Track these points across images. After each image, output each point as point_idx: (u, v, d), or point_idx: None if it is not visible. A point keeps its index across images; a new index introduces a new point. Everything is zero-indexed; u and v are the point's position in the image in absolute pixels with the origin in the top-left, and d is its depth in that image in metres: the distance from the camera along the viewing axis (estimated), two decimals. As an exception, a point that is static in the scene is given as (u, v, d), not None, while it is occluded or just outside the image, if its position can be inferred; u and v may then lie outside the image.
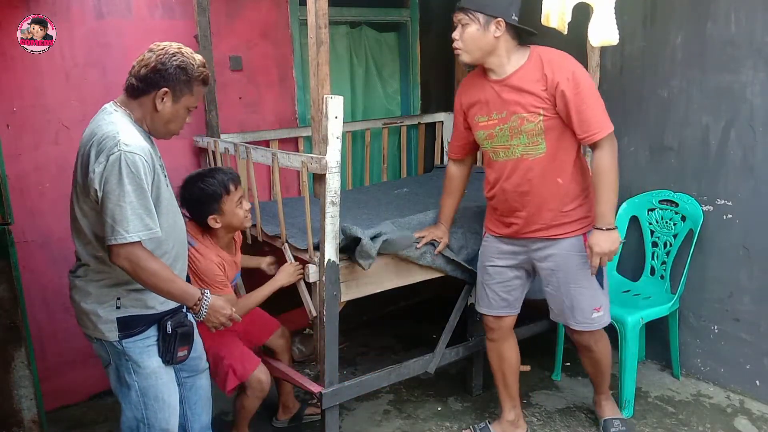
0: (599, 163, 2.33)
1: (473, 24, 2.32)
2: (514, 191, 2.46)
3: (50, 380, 2.95)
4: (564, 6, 2.07)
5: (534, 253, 2.55)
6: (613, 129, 2.31)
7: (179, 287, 1.93)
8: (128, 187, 1.79)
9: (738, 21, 2.84)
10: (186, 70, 1.91)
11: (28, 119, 2.86)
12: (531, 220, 2.48)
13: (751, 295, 2.99)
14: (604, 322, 2.58)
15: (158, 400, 2.03)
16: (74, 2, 2.90)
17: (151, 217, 1.84)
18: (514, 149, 2.41)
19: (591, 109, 2.29)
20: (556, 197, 2.43)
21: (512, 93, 2.37)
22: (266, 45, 3.52)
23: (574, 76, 2.27)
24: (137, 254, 1.83)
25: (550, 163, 2.39)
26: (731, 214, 3.00)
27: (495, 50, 2.35)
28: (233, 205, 2.41)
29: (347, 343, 3.53)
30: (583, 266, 2.47)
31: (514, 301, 2.68)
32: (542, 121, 2.33)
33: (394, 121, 4.03)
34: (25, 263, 2.68)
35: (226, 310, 2.04)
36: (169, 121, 1.97)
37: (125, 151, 1.79)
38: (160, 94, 1.90)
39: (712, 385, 3.18)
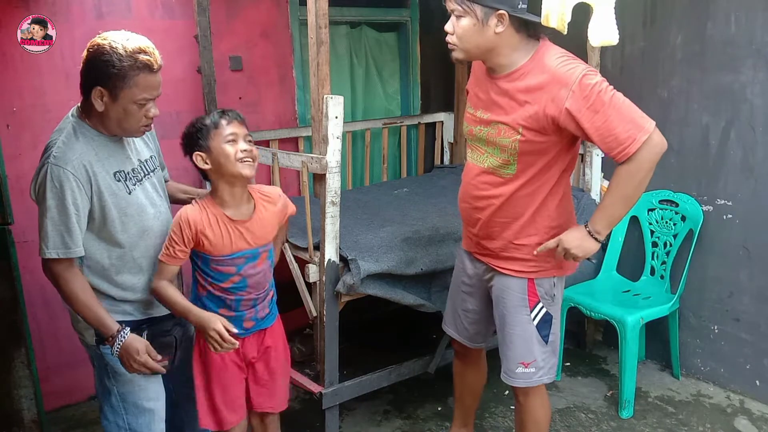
0: (621, 168, 1.90)
1: (468, 17, 1.92)
2: (469, 203, 2.17)
3: (50, 380, 2.95)
4: (564, 6, 2.06)
5: (484, 276, 2.27)
6: (650, 131, 1.85)
7: (95, 316, 1.80)
8: (50, 202, 1.73)
9: (738, 21, 2.85)
10: (112, 63, 1.70)
11: (28, 119, 2.86)
12: (480, 243, 2.20)
13: (751, 295, 2.99)
14: (532, 382, 2.17)
15: (138, 407, 1.97)
16: (74, 2, 2.90)
17: (70, 235, 1.75)
18: (485, 158, 2.08)
19: (612, 120, 1.84)
20: (510, 227, 2.08)
21: (500, 95, 2.01)
22: (266, 45, 3.52)
23: (580, 87, 1.85)
24: (57, 271, 1.79)
25: (516, 190, 2.03)
26: (731, 214, 3.00)
27: (496, 48, 1.95)
28: (221, 140, 1.93)
29: (347, 343, 3.53)
30: (521, 311, 2.13)
31: (475, 335, 2.40)
32: (517, 142, 1.96)
33: (394, 121, 4.03)
34: (25, 263, 2.67)
35: (140, 356, 1.81)
36: (119, 121, 1.79)
37: (52, 163, 1.72)
38: (96, 94, 1.74)
39: (712, 385, 3.18)
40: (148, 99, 1.79)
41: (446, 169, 4.00)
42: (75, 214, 1.76)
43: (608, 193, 1.97)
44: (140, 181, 1.92)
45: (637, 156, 1.85)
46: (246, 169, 1.95)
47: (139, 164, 1.94)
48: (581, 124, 1.87)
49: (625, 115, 1.85)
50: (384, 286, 2.65)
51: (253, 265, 2.04)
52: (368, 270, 2.53)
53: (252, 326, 2.11)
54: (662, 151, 1.88)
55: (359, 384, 2.75)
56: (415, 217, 3.02)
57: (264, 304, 2.13)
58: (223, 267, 2.01)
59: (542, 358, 2.17)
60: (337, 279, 2.53)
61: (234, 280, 2.03)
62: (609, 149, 1.88)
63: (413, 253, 2.71)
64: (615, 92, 1.88)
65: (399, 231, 2.80)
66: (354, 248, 2.60)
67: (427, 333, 3.52)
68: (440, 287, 2.83)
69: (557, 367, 3.24)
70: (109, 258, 1.87)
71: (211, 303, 2.04)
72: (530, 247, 2.09)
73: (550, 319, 2.16)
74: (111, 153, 1.85)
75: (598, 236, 1.99)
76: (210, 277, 2.03)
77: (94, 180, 1.79)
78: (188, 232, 1.95)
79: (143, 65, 1.74)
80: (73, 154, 1.76)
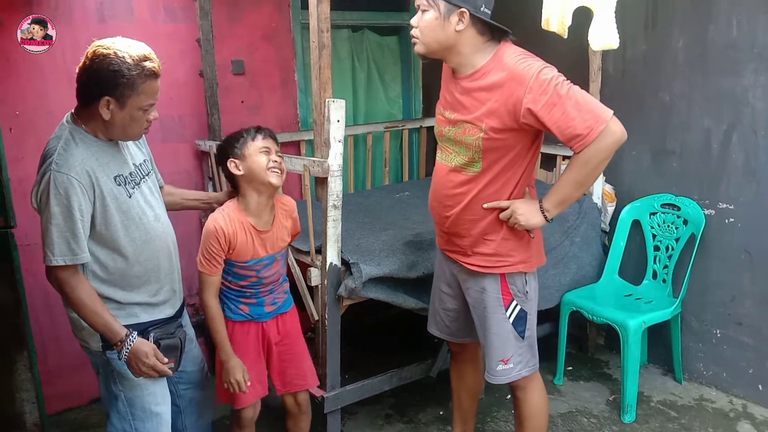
0: (578, 155, 1.94)
1: (432, 11, 1.95)
2: (438, 201, 2.21)
3: (52, 384, 2.95)
4: (564, 10, 2.07)
5: (459, 276, 2.30)
6: (607, 120, 1.88)
7: (103, 321, 1.82)
8: (55, 209, 1.73)
9: (740, 25, 2.85)
10: (121, 72, 1.72)
11: (31, 123, 2.87)
12: (450, 240, 2.24)
13: (753, 299, 2.98)
14: (512, 377, 2.24)
15: (145, 411, 1.99)
16: (77, 6, 2.91)
17: (76, 241, 1.76)
18: (453, 157, 2.13)
19: (570, 112, 1.88)
20: (479, 224, 2.13)
21: (463, 95, 2.05)
22: (268, 48, 3.53)
23: (537, 82, 1.89)
24: (63, 278, 1.79)
25: (483, 187, 2.08)
26: (733, 218, 2.99)
27: (455, 46, 1.99)
28: (256, 149, 2.14)
29: (349, 346, 3.52)
30: (497, 311, 2.19)
31: (457, 331, 2.43)
32: (481, 140, 2.01)
33: (395, 125, 4.03)
34: (28, 266, 2.67)
35: (149, 359, 1.85)
36: (124, 127, 1.83)
37: (55, 171, 1.72)
38: (103, 104, 1.75)
39: (714, 390, 3.17)
40: (152, 104, 1.83)
41: (448, 172, 4.00)
42: (80, 219, 1.76)
43: (563, 176, 2.04)
44: (138, 185, 1.93)
45: (594, 145, 1.90)
46: (274, 179, 2.16)
47: (135, 168, 1.95)
48: (540, 118, 1.91)
49: (582, 107, 1.89)
50: (386, 289, 2.65)
51: (269, 268, 2.28)
52: (370, 273, 2.53)
53: (273, 310, 2.34)
54: (620, 140, 1.91)
55: (361, 388, 2.75)
56: (416, 220, 3.03)
57: (280, 290, 2.36)
58: (243, 271, 2.24)
59: (519, 353, 2.23)
60: (339, 282, 2.53)
61: (251, 280, 2.26)
62: (567, 140, 1.93)
63: (415, 257, 2.71)
64: (571, 85, 1.92)
65: (401, 234, 2.80)
66: (356, 252, 2.60)
67: (429, 337, 3.51)
68: (442, 291, 2.83)
69: (560, 371, 3.26)
70: (113, 263, 1.87)
71: (232, 295, 2.28)
72: (494, 242, 2.14)
73: (525, 316, 2.22)
74: (110, 157, 1.86)
75: (547, 214, 2.06)
76: (230, 277, 2.25)
77: (97, 185, 1.80)
78: (224, 242, 2.16)
79: (150, 72, 1.77)
80: (75, 160, 1.76)
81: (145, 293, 1.95)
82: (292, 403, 2.48)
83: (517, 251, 2.16)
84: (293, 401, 2.47)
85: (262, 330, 2.34)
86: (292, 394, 2.46)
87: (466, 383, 2.60)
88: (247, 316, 2.29)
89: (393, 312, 3.20)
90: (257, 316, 2.31)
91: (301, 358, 2.44)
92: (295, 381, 2.43)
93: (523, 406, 2.33)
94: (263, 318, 2.32)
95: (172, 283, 2.04)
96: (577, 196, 2.08)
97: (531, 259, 2.20)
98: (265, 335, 2.34)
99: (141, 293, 1.94)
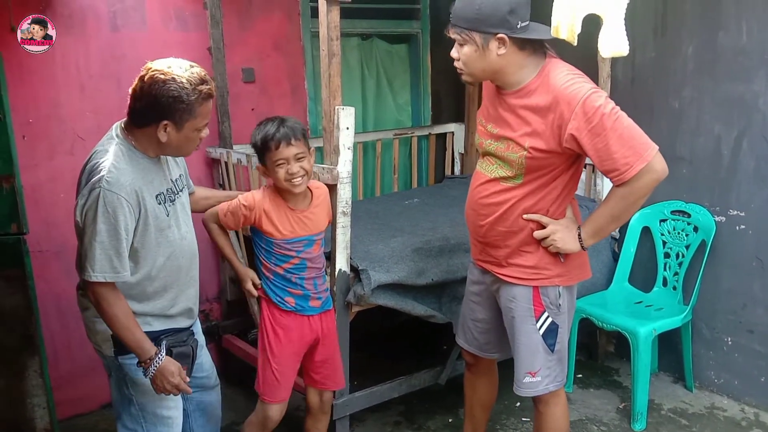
0: (616, 189, 1.94)
1: (468, 44, 1.95)
2: (474, 209, 2.18)
3: (63, 389, 2.97)
4: (574, 17, 2.07)
5: (491, 287, 2.27)
6: (649, 159, 1.86)
7: (134, 339, 1.84)
8: (101, 226, 1.74)
9: (750, 31, 2.84)
10: (181, 99, 1.75)
11: (44, 130, 2.90)
12: (485, 250, 2.21)
13: (765, 306, 2.96)
14: (538, 391, 2.19)
15: (157, 416, 2.01)
16: (89, 15, 2.94)
17: (120, 260, 1.78)
18: (494, 168, 2.10)
19: (612, 145, 1.85)
20: (517, 235, 2.09)
21: (508, 111, 2.03)
22: (278, 57, 3.55)
23: (583, 108, 1.86)
24: (101, 293, 1.80)
25: (521, 198, 2.06)
26: (744, 225, 2.98)
27: (501, 68, 1.97)
28: (273, 164, 2.17)
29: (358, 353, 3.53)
30: (527, 321, 2.15)
31: (485, 345, 2.39)
32: (524, 158, 1.98)
33: (404, 132, 4.04)
34: (40, 272, 2.70)
35: (174, 378, 1.88)
36: (179, 148, 1.88)
37: (105, 188, 1.73)
38: (161, 127, 1.79)
39: (726, 398, 3.15)
40: (206, 124, 1.87)
41: (457, 179, 4.01)
42: (125, 239, 1.79)
43: (600, 208, 2.05)
44: (173, 202, 1.96)
45: (632, 182, 1.89)
46: (295, 188, 2.19)
47: (172, 183, 1.98)
48: (583, 146, 1.90)
49: (626, 141, 1.86)
50: (395, 296, 2.65)
51: (309, 250, 2.30)
52: (379, 280, 2.53)
53: (319, 305, 2.36)
54: (660, 179, 1.91)
55: (370, 395, 2.75)
56: (425, 227, 3.03)
57: (323, 283, 2.39)
58: (284, 250, 2.26)
59: (547, 367, 2.18)
60: (348, 289, 2.54)
61: (294, 262, 2.28)
62: (606, 172, 1.92)
63: (424, 264, 2.71)
64: (619, 115, 1.88)
65: (410, 241, 2.81)
66: (365, 258, 2.61)
67: (438, 344, 3.51)
68: (451, 298, 2.83)
69: (569, 378, 3.24)
70: (135, 276, 1.88)
71: (279, 284, 2.31)
72: (533, 254, 2.11)
73: (556, 329, 2.16)
74: (154, 175, 1.90)
75: (583, 242, 2.06)
76: (274, 258, 2.28)
77: (143, 204, 1.83)
78: (248, 211, 2.23)
79: (206, 95, 1.81)
80: (126, 179, 1.78)
81: (161, 306, 1.97)
82: (316, 401, 2.49)
83: (555, 265, 2.11)
84: (318, 399, 2.49)
85: (309, 326, 2.35)
86: (318, 392, 2.49)
87: (479, 396, 2.56)
88: (293, 308, 2.31)
89: (402, 319, 3.20)
90: (302, 309, 2.32)
91: (337, 358, 2.48)
92: (329, 380, 2.47)
93: (543, 421, 2.28)
94: (308, 312, 2.33)
95: (188, 300, 2.05)
96: (612, 229, 2.09)
97: (569, 273, 2.15)
98: (312, 332, 2.36)
99: (156, 305, 1.96)
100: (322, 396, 2.49)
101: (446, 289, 2.83)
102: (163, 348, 1.91)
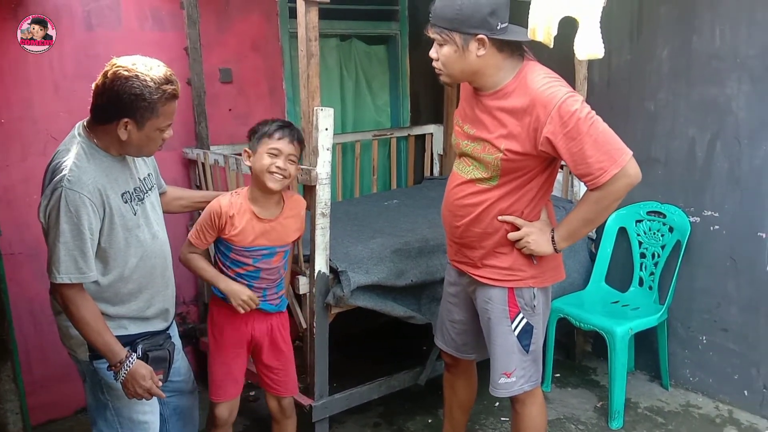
0: (590, 193, 1.97)
1: (449, 44, 1.94)
2: (450, 210, 2.18)
3: (36, 394, 2.92)
4: (550, 20, 2.09)
5: (468, 288, 2.28)
6: (623, 164, 1.88)
7: (104, 341, 1.81)
8: (64, 226, 1.71)
9: (722, 35, 2.89)
10: (143, 96, 1.72)
11: (17, 131, 2.85)
12: (460, 251, 2.22)
13: (738, 305, 3.01)
14: (513, 391, 2.21)
15: (132, 420, 1.98)
16: (64, 14, 2.90)
17: (85, 260, 1.75)
18: (470, 170, 2.10)
19: (587, 150, 1.87)
20: (492, 237, 2.10)
21: (484, 113, 2.03)
22: (256, 57, 3.53)
23: (559, 112, 1.86)
24: (68, 296, 1.78)
25: (496, 199, 2.06)
26: (718, 225, 3.03)
27: (480, 69, 1.97)
28: (265, 148, 2.15)
29: (337, 355, 3.52)
30: (502, 322, 2.16)
31: (463, 346, 2.40)
32: (500, 160, 1.99)
33: (384, 133, 4.04)
34: (12, 275, 2.66)
35: (146, 382, 1.85)
36: (140, 147, 1.84)
37: (67, 188, 1.71)
38: (122, 125, 1.75)
39: (701, 396, 3.19)
40: (169, 124, 1.84)
41: (436, 180, 4.02)
42: (90, 238, 1.76)
43: (574, 212, 2.06)
44: (141, 201, 1.93)
45: (606, 186, 1.90)
46: (271, 182, 2.16)
47: (140, 182, 1.95)
48: (557, 149, 1.91)
49: (601, 146, 1.88)
50: (374, 297, 2.65)
51: (268, 261, 2.27)
52: (358, 282, 2.53)
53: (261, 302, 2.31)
54: (633, 183, 1.93)
55: (349, 396, 2.74)
56: (405, 228, 3.03)
57: (274, 293, 2.35)
58: (241, 256, 2.24)
59: (522, 367, 2.20)
60: (327, 291, 2.53)
61: (247, 269, 2.26)
62: (580, 176, 1.94)
63: (403, 265, 2.71)
64: (594, 120, 1.89)
65: (389, 242, 2.81)
66: (344, 260, 2.60)
67: (418, 345, 3.51)
68: (430, 299, 2.83)
69: (547, 377, 3.26)
70: (106, 279, 1.86)
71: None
72: (508, 256, 2.12)
73: (531, 329, 2.18)
74: (119, 173, 1.86)
75: (556, 245, 2.08)
76: (228, 260, 2.26)
77: (107, 203, 1.80)
78: (218, 223, 2.20)
79: (170, 95, 1.78)
80: (88, 177, 1.75)
81: (136, 308, 1.94)
82: (275, 405, 2.48)
83: (530, 266, 2.13)
84: (277, 404, 2.47)
85: (250, 323, 2.31)
86: (276, 398, 2.46)
87: (458, 396, 2.57)
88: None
89: (382, 320, 3.20)
90: None
91: (288, 365, 2.44)
92: (281, 386, 2.44)
93: (520, 421, 2.30)
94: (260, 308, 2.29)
95: (164, 301, 2.03)
96: (586, 232, 2.13)
97: (543, 275, 2.17)
98: (253, 330, 2.32)
99: (131, 308, 1.93)
100: (281, 401, 2.47)
101: (425, 290, 2.83)
102: (139, 351, 1.89)
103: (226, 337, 2.32)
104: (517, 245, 2.09)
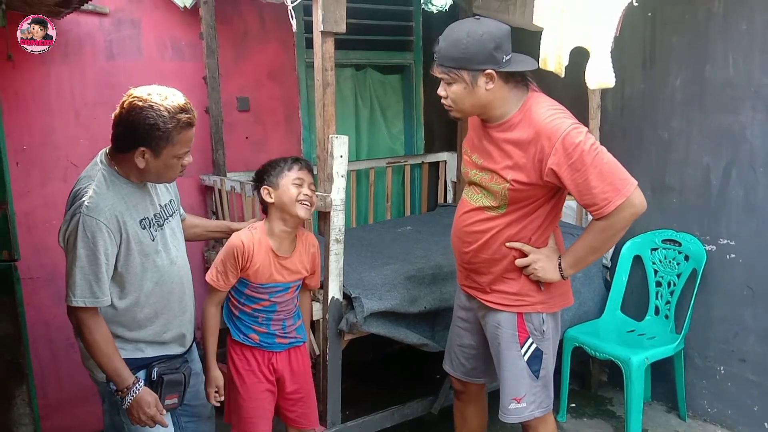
0: (595, 223, 1.99)
1: (458, 83, 1.98)
2: (459, 237, 2.21)
3: (51, 418, 2.93)
4: (561, 49, 2.11)
5: (478, 313, 2.29)
6: (628, 195, 1.90)
7: (113, 366, 1.84)
8: (81, 251, 1.76)
9: (736, 63, 2.90)
10: (157, 126, 1.76)
11: (38, 157, 2.91)
12: (469, 276, 2.24)
13: (756, 335, 2.96)
14: (523, 417, 2.21)
15: None
16: (86, 44, 2.98)
17: (99, 285, 1.79)
18: (479, 198, 2.14)
19: (592, 180, 1.89)
20: (500, 262, 2.13)
21: (490, 143, 2.08)
22: (273, 86, 3.59)
23: (563, 144, 1.89)
24: (82, 319, 1.81)
25: (506, 227, 2.09)
26: (734, 254, 3.00)
27: (489, 102, 2.00)
28: (289, 180, 2.19)
29: (350, 381, 3.50)
30: (512, 347, 2.17)
31: (472, 370, 2.40)
32: (507, 190, 2.02)
33: (397, 160, 4.07)
34: (30, 299, 2.69)
35: (150, 409, 1.87)
36: (159, 174, 1.88)
37: (85, 214, 1.75)
38: (139, 154, 1.80)
39: (719, 427, 3.13)
40: (187, 151, 1.87)
41: (449, 207, 4.03)
42: (105, 263, 1.79)
43: (580, 240, 2.07)
44: (161, 227, 1.96)
45: (611, 216, 1.92)
46: (302, 211, 2.20)
47: (161, 209, 1.98)
48: (562, 180, 1.94)
49: (606, 177, 1.90)
50: (387, 324, 2.64)
51: (282, 295, 2.29)
52: (371, 308, 2.53)
53: (286, 343, 2.33)
54: (638, 213, 1.94)
55: (362, 424, 2.72)
56: (418, 255, 3.03)
57: (293, 324, 2.35)
58: (257, 293, 2.25)
59: (532, 393, 2.19)
60: (341, 317, 2.53)
61: (264, 304, 2.27)
62: (586, 206, 1.97)
63: (417, 292, 2.71)
64: (599, 151, 1.92)
65: (402, 269, 2.81)
66: (358, 286, 2.61)
67: (431, 373, 3.48)
68: (444, 326, 2.82)
69: (562, 407, 3.22)
70: (123, 304, 1.89)
71: (245, 321, 2.28)
72: (516, 281, 2.14)
73: (541, 355, 2.18)
74: (139, 200, 1.90)
75: (563, 272, 2.09)
76: (244, 297, 2.26)
77: (124, 229, 1.83)
78: (241, 260, 2.19)
79: (185, 124, 1.81)
80: (105, 204, 1.80)
81: (152, 332, 1.96)
82: None
83: (538, 292, 2.14)
84: None
85: (273, 360, 2.31)
86: (297, 431, 2.45)
87: (469, 425, 2.55)
88: (257, 344, 2.28)
89: (395, 347, 3.19)
90: (267, 346, 2.29)
91: (310, 396, 2.44)
92: (303, 418, 2.42)
93: None
94: (274, 348, 2.30)
95: (180, 326, 2.04)
96: (592, 260, 2.13)
97: (551, 301, 2.17)
98: (276, 366, 2.32)
99: (148, 332, 1.96)
100: None
101: (439, 318, 2.82)
102: (154, 374, 1.91)
103: (259, 379, 2.30)
104: (524, 272, 2.11)
